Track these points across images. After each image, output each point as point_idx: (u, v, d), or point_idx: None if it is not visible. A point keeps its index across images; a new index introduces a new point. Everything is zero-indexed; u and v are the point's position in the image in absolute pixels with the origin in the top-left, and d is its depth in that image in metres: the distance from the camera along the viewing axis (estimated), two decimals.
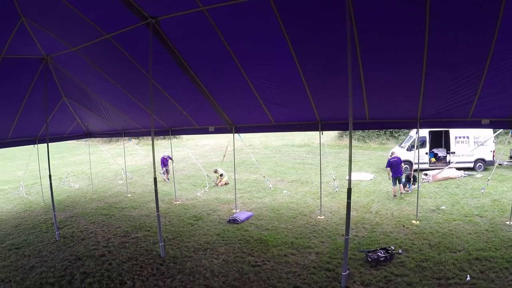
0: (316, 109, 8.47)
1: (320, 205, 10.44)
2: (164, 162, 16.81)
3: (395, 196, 12.03)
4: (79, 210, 12.20)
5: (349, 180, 5.69)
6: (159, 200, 12.75)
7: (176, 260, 7.62)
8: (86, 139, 15.29)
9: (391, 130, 25.84)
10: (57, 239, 9.22)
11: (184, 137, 36.21)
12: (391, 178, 12.40)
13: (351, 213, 10.41)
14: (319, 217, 10.06)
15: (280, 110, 8.80)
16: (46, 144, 9.50)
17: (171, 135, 11.85)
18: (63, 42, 7.86)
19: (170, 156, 15.44)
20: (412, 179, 12.92)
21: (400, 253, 7.24)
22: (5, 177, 21.30)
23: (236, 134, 10.55)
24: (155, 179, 7.63)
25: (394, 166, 12.16)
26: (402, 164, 12.99)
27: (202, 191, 14.24)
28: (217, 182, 15.11)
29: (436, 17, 5.16)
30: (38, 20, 7.02)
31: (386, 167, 12.68)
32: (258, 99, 8.37)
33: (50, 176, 9.45)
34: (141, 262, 7.63)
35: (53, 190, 9.45)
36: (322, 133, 9.53)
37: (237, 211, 11.02)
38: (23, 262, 7.92)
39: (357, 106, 7.75)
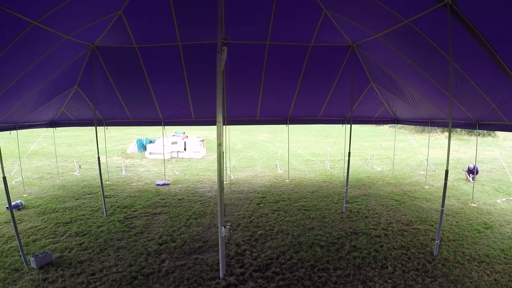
0: None
1: None
2: (472, 170, 14.79)
3: None
4: (373, 191, 13.13)
5: None
6: (454, 198, 11.93)
7: (445, 263, 7.01)
8: (393, 124, 15.82)
9: None
10: (343, 211, 10.49)
11: (501, 136, 30.61)
12: None
13: None
14: None
15: None
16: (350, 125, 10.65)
17: (478, 129, 10.40)
18: (365, 29, 8.33)
19: (477, 166, 13.72)
20: None
21: None
22: (316, 150, 25.51)
23: None
24: (446, 171, 7.03)
25: None
26: None
27: (504, 199, 11.75)
28: None
29: None
30: (339, 10, 7.80)
31: None
32: None
33: (349, 153, 10.48)
34: (410, 253, 7.51)
35: (357, 170, 10.47)
36: None
37: None
38: (305, 222, 9.63)
39: None
